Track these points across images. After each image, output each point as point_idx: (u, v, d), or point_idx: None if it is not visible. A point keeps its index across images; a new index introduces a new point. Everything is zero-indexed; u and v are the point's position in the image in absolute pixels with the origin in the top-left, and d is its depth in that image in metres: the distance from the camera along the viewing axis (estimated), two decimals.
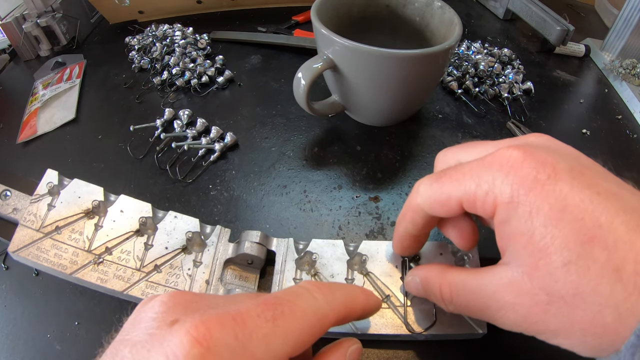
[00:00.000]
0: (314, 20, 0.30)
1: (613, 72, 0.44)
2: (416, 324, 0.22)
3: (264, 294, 0.15)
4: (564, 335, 0.15)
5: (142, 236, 0.26)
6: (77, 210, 0.26)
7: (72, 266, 0.24)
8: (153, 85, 0.40)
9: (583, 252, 0.14)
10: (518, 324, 0.16)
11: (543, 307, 0.15)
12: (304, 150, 0.34)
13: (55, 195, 0.27)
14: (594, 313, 0.13)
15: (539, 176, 0.15)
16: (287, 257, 0.25)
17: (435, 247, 0.25)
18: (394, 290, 0.24)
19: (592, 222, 0.14)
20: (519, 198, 0.15)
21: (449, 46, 0.28)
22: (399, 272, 0.24)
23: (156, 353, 0.12)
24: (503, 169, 0.15)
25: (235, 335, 0.13)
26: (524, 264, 0.15)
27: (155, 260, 0.25)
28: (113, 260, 0.25)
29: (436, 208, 0.18)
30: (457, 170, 0.17)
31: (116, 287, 0.24)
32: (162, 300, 0.14)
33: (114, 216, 0.26)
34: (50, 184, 0.27)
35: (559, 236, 0.14)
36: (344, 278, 0.24)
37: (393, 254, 0.25)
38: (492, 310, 0.16)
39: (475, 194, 0.16)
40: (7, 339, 0.24)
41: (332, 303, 0.16)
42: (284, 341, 0.13)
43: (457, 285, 0.18)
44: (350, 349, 0.16)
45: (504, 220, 0.16)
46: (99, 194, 0.27)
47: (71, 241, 0.25)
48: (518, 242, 0.15)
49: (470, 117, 0.38)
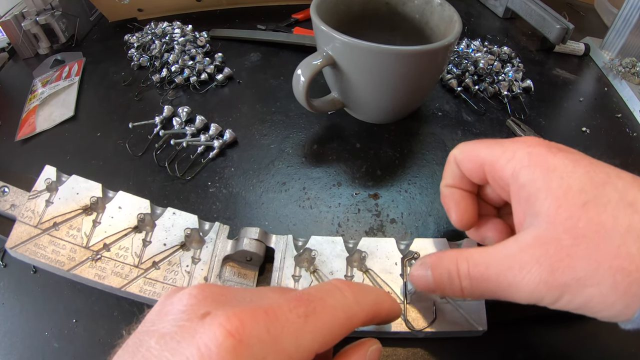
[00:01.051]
0: (314, 17, 0.30)
1: (612, 70, 0.44)
2: (416, 321, 0.22)
3: (292, 289, 0.16)
4: (592, 281, 0.14)
5: (140, 233, 0.25)
6: (75, 207, 0.26)
7: (69, 262, 0.24)
8: (152, 83, 0.40)
9: (598, 193, 0.15)
10: (543, 280, 0.15)
11: (568, 250, 0.15)
12: (303, 147, 0.34)
13: (53, 192, 0.26)
14: (618, 246, 0.14)
15: (553, 149, 0.17)
16: (286, 254, 0.25)
17: (434, 245, 0.25)
18: (394, 287, 0.23)
19: (602, 172, 0.16)
20: (538, 160, 0.17)
21: (448, 43, 0.28)
22: (399, 269, 0.24)
23: (187, 345, 0.12)
24: (525, 144, 0.18)
25: (267, 329, 0.13)
26: (546, 215, 0.16)
27: (153, 256, 0.25)
28: (111, 256, 0.24)
29: (465, 162, 0.21)
30: (490, 140, 0.20)
31: (114, 284, 0.24)
32: (191, 293, 0.14)
33: (112, 212, 0.26)
34: (48, 180, 0.27)
35: (575, 183, 0.16)
36: (343, 275, 0.24)
37: (393, 250, 0.25)
38: (514, 271, 0.16)
39: (499, 158, 0.18)
40: (4, 337, 0.24)
41: (362, 303, 0.16)
42: (314, 337, 0.14)
43: (474, 257, 0.18)
44: (371, 349, 0.16)
45: (523, 184, 0.17)
46: (97, 190, 0.27)
47: (69, 237, 0.25)
48: (538, 198, 0.16)
49: (470, 114, 0.38)
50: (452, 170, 0.22)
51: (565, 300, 0.15)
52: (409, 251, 0.25)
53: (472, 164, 0.20)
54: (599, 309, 0.15)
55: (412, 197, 0.31)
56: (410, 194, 0.31)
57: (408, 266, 0.24)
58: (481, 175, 0.20)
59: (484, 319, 0.22)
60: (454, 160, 0.22)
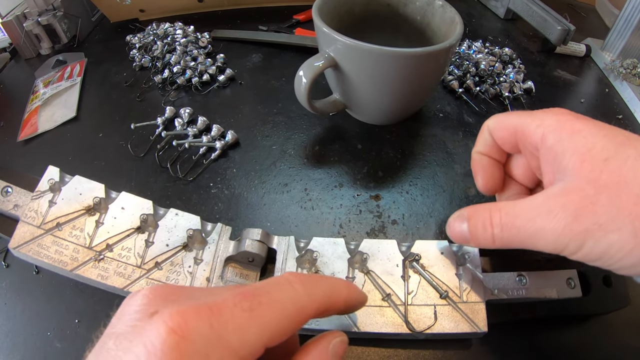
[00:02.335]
0: (315, 18, 0.30)
1: (614, 71, 0.44)
2: (417, 323, 0.22)
3: (244, 286, 0.15)
4: (613, 227, 0.16)
5: (143, 233, 0.26)
6: (78, 207, 0.26)
7: (72, 263, 0.24)
8: (154, 84, 0.40)
9: (619, 150, 0.17)
10: (568, 225, 0.17)
11: (591, 198, 0.16)
12: (305, 148, 0.34)
13: (56, 192, 0.27)
14: (637, 195, 0.16)
15: (579, 116, 0.19)
16: (288, 255, 0.25)
17: (436, 246, 0.25)
18: (395, 289, 0.24)
19: (622, 135, 0.18)
20: (564, 124, 0.19)
21: (450, 45, 0.28)
22: (400, 271, 0.24)
23: (137, 343, 0.12)
24: (552, 113, 0.20)
25: (211, 325, 0.13)
26: (571, 169, 0.17)
27: (156, 257, 0.25)
28: (114, 257, 0.25)
29: (498, 130, 0.22)
30: (521, 111, 0.22)
31: (117, 284, 0.24)
32: (144, 294, 0.14)
33: (114, 213, 0.26)
34: (51, 181, 0.27)
35: (598, 142, 0.17)
36: (344, 276, 0.24)
37: (394, 252, 0.25)
38: (541, 217, 0.18)
39: (529, 125, 0.20)
40: (7, 337, 0.24)
41: (313, 295, 0.16)
42: (260, 331, 0.13)
43: (507, 207, 0.19)
44: (333, 342, 0.16)
45: (551, 146, 0.19)
46: (100, 190, 0.27)
47: (72, 238, 0.25)
48: (564, 157, 0.18)
49: (471, 116, 0.38)
50: (485, 138, 0.24)
51: (587, 247, 0.17)
52: (410, 253, 0.25)
53: (504, 132, 0.22)
54: (618, 257, 0.16)
55: (413, 198, 0.31)
56: (412, 195, 0.31)
57: (409, 268, 0.24)
58: (512, 142, 0.22)
59: (484, 320, 0.22)
60: (487, 129, 0.23)
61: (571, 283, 0.24)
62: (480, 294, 0.23)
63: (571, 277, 0.24)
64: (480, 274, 0.24)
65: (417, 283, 0.24)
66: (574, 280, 0.24)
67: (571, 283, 0.24)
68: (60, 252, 0.24)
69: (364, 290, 0.23)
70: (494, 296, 0.23)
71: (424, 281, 0.24)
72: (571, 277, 0.24)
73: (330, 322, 0.23)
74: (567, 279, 0.24)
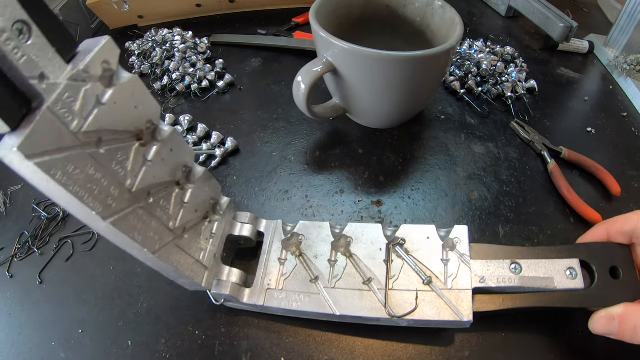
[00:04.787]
0: (313, 22, 0.30)
1: (617, 68, 0.44)
2: (396, 308, 0.22)
3: None
4: None
5: (182, 190, 0.21)
6: (128, 126, 0.18)
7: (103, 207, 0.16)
8: (153, 91, 0.40)
9: None
10: None
11: None
12: (306, 154, 0.34)
13: (108, 88, 0.16)
14: None
15: None
16: (275, 237, 0.25)
17: (423, 231, 0.24)
18: (377, 273, 0.23)
19: None
20: None
21: (450, 47, 0.28)
22: (383, 255, 0.24)
23: None
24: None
25: None
26: None
27: (186, 222, 0.21)
28: (151, 210, 0.19)
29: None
30: None
31: (148, 246, 0.19)
32: None
33: (164, 154, 0.20)
34: (106, 64, 0.16)
35: None
36: (327, 259, 0.24)
37: (378, 236, 0.24)
38: None
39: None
40: (12, 347, 0.25)
41: None
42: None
43: None
44: None
45: None
46: (156, 112, 0.19)
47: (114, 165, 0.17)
48: None
49: (474, 117, 0.38)
50: None
51: None
52: (395, 237, 0.24)
53: None
54: None
55: (415, 203, 0.31)
56: (414, 200, 0.31)
57: (393, 252, 0.24)
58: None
59: (469, 309, 0.21)
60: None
61: (572, 273, 0.22)
62: (467, 281, 0.22)
63: (572, 266, 0.22)
64: (469, 259, 0.23)
65: (399, 268, 0.23)
66: (576, 270, 0.22)
67: (572, 273, 0.22)
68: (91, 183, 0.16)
69: (346, 274, 0.23)
70: (482, 284, 0.22)
71: (407, 266, 0.23)
72: (572, 267, 0.22)
73: (310, 304, 0.23)
74: (568, 269, 0.22)
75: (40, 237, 0.30)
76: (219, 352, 0.23)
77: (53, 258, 0.28)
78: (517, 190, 0.31)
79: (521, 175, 0.33)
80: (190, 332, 0.24)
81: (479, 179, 0.32)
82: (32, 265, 0.28)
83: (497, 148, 0.35)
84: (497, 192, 0.31)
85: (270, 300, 0.23)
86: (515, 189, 0.31)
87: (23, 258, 0.29)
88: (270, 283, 0.24)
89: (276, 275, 0.24)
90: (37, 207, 0.31)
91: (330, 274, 0.24)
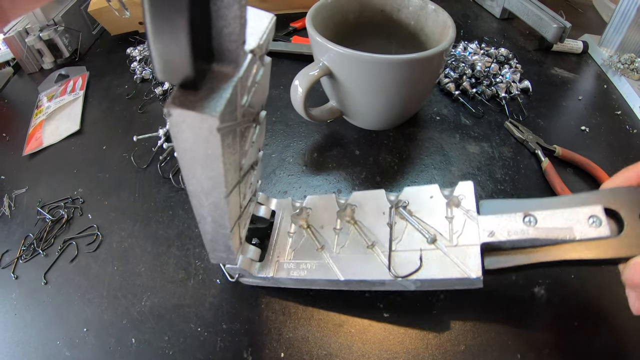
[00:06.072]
0: (309, 27, 0.30)
1: (612, 67, 0.44)
2: (400, 269, 0.21)
3: None
4: None
5: (255, 128, 0.20)
6: None
7: None
8: (155, 96, 0.41)
9: None
10: None
11: None
12: (304, 155, 0.35)
13: None
14: None
15: None
16: (285, 214, 0.26)
17: (426, 192, 0.24)
18: (380, 237, 0.23)
19: None
20: None
21: (442, 49, 0.29)
22: (387, 218, 0.24)
23: None
24: None
25: None
26: None
27: (252, 162, 0.21)
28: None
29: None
30: None
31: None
32: None
33: None
34: None
35: None
36: (332, 228, 0.25)
37: (382, 201, 0.24)
38: None
39: None
40: (17, 346, 0.25)
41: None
42: None
43: None
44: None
45: None
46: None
47: None
48: None
49: (468, 118, 0.38)
50: None
51: None
52: (398, 200, 0.24)
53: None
54: None
55: None
56: None
57: (396, 215, 0.24)
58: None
59: (477, 265, 0.20)
60: None
61: (596, 221, 0.19)
62: (474, 237, 0.20)
63: (595, 214, 0.19)
64: (475, 215, 0.21)
65: (403, 229, 0.23)
66: (600, 217, 0.19)
67: (596, 221, 0.19)
68: None
69: (350, 241, 0.23)
70: (491, 238, 0.20)
71: (410, 227, 0.23)
72: (595, 214, 0.19)
73: (317, 271, 0.23)
74: (590, 217, 0.19)
75: (45, 239, 0.30)
76: (220, 348, 0.24)
77: (58, 259, 0.29)
78: (511, 188, 0.32)
79: (515, 174, 0.33)
80: (192, 329, 0.25)
81: (473, 178, 0.33)
82: (37, 266, 0.29)
83: (491, 148, 0.35)
84: (492, 191, 0.32)
85: (280, 271, 0.24)
86: (509, 187, 0.32)
87: (28, 260, 0.29)
88: (280, 256, 0.25)
89: (286, 248, 0.25)
90: (42, 209, 0.32)
91: (335, 242, 0.24)
